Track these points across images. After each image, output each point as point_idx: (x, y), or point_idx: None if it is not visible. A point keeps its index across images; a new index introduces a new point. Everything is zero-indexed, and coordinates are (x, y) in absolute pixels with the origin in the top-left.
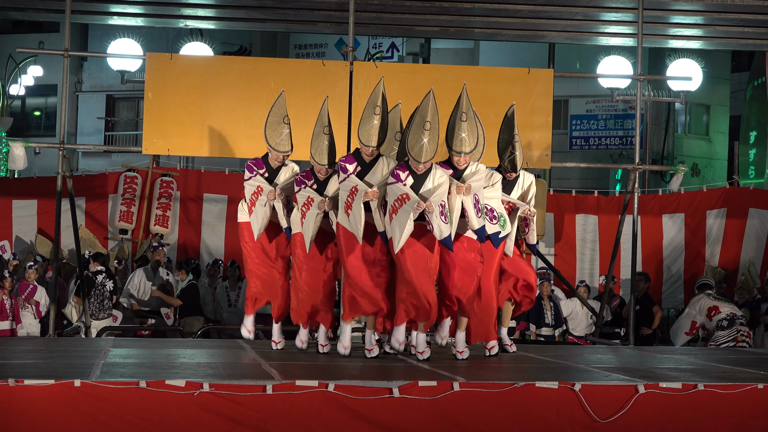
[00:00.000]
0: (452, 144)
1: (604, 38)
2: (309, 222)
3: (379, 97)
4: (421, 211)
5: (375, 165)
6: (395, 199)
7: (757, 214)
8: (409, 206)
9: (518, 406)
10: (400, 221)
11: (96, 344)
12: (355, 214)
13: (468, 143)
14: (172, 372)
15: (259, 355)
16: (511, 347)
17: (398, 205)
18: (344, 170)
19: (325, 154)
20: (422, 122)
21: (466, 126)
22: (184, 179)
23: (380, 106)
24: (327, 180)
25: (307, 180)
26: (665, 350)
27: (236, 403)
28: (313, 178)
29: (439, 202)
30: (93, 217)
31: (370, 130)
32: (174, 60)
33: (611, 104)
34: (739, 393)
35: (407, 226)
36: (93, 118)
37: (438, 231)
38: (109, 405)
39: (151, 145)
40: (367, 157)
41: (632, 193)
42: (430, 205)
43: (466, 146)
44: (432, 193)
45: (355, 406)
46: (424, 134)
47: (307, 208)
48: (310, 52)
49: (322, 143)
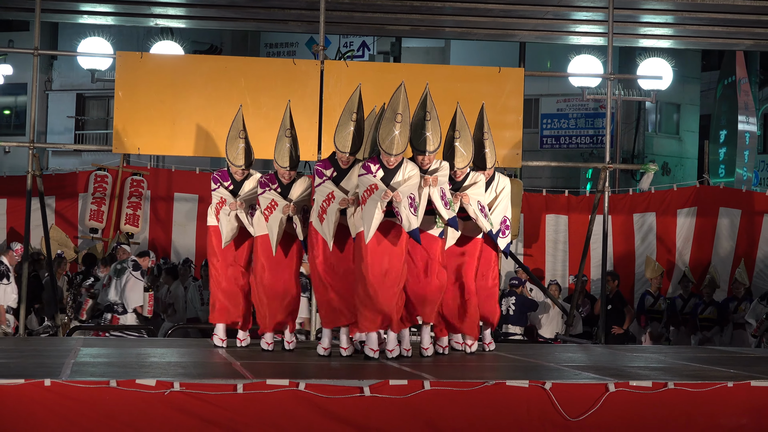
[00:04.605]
0: (417, 143)
1: (575, 37)
2: (273, 225)
3: (355, 103)
4: (388, 200)
5: (351, 170)
6: (365, 190)
7: (727, 213)
8: (377, 195)
9: (489, 405)
10: (368, 211)
11: (66, 343)
12: (329, 220)
13: (432, 142)
14: (143, 371)
15: (230, 354)
16: (490, 345)
17: (367, 195)
18: (320, 175)
19: (286, 157)
20: (393, 115)
21: (430, 125)
22: (155, 178)
23: (356, 113)
24: (291, 184)
25: (271, 183)
26: (636, 349)
27: (207, 403)
28: (277, 182)
29: (409, 193)
30: (63, 217)
31: (347, 136)
32: (144, 59)
33: (582, 103)
34: (709, 392)
35: (375, 215)
36: (63, 116)
37: (406, 222)
38: (80, 404)
39: (122, 144)
40: (343, 164)
41: (603, 192)
42: (398, 195)
43: (430, 145)
44: (401, 185)
45: (326, 405)
46: (396, 126)
47: (270, 212)
48: (281, 51)
49: (283, 146)
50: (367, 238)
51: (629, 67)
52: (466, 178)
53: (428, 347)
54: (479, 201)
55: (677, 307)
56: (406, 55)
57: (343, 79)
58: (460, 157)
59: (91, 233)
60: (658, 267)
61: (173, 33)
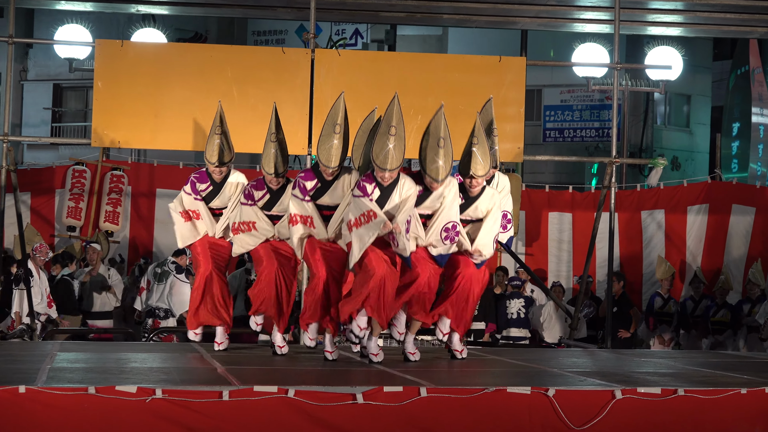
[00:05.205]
0: (428, 170)
1: (580, 25)
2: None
3: (339, 114)
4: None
5: (336, 182)
6: (360, 214)
7: (740, 210)
8: (375, 225)
9: (489, 413)
10: (361, 237)
11: (42, 348)
12: (362, 239)
13: (444, 170)
14: (123, 377)
15: (216, 359)
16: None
17: (363, 220)
18: (303, 191)
19: (271, 163)
20: (387, 128)
21: (442, 153)
22: (136, 173)
23: (341, 124)
24: (281, 190)
25: (259, 190)
26: (644, 353)
27: (191, 410)
28: (266, 188)
29: (406, 219)
30: (39, 214)
31: (330, 149)
32: (125, 47)
33: (587, 94)
34: (722, 398)
35: (367, 243)
36: (39, 108)
37: (403, 248)
38: (57, 412)
39: (101, 138)
40: (328, 176)
41: (609, 188)
42: (398, 227)
43: (442, 173)
44: (399, 209)
45: (317, 413)
46: (390, 140)
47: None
48: (269, 39)
49: (269, 152)
50: (352, 262)
51: (637, 56)
52: (482, 191)
53: (414, 352)
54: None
55: (688, 310)
56: (401, 44)
57: (335, 69)
58: (478, 164)
59: (69, 231)
60: (669, 267)
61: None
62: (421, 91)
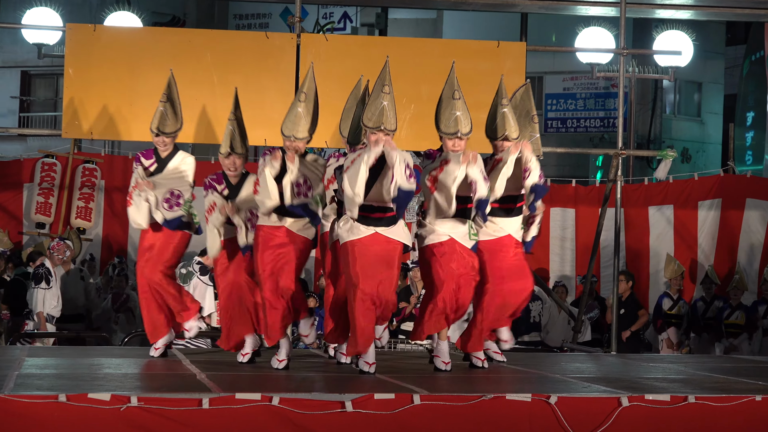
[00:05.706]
0: (445, 125)
1: (583, 7)
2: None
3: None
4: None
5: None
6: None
7: (755, 204)
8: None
9: (487, 422)
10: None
11: (9, 353)
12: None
13: (464, 123)
14: (96, 384)
15: (195, 364)
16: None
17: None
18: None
19: (227, 141)
20: (381, 87)
21: (460, 104)
22: (110, 166)
23: (306, 93)
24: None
25: (219, 184)
26: (652, 358)
27: (168, 419)
28: (224, 182)
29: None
30: (5, 210)
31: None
32: (98, 32)
33: (591, 82)
34: (735, 406)
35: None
36: (6, 97)
37: None
38: (25, 421)
39: (72, 128)
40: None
41: (615, 181)
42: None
43: (463, 126)
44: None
45: (303, 422)
46: (384, 98)
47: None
48: (251, 23)
49: (226, 132)
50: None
51: (644, 41)
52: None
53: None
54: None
55: (699, 312)
56: (393, 28)
57: (322, 54)
58: (511, 127)
59: (38, 228)
60: (678, 266)
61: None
62: (414, 78)
